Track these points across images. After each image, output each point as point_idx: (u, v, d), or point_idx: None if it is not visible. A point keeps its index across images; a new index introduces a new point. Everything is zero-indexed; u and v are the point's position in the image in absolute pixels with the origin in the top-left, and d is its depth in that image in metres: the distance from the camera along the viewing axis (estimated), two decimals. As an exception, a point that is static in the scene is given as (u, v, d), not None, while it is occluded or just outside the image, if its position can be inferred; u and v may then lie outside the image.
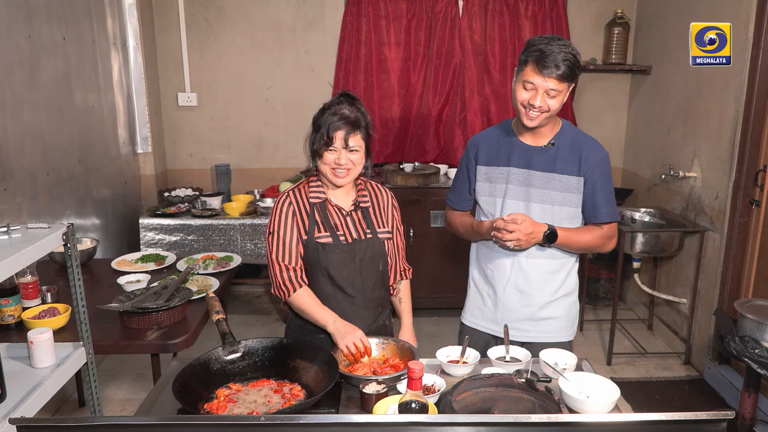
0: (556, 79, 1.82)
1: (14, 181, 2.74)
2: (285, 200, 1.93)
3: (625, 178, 4.64)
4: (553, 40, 1.83)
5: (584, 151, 1.96)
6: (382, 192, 2.05)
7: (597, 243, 2.01)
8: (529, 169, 1.98)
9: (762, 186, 3.13)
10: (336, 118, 1.84)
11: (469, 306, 2.20)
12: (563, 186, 1.96)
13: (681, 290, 3.80)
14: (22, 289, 2.32)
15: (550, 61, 1.80)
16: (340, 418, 1.27)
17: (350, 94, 1.94)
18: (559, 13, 4.29)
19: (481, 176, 2.07)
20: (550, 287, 2.04)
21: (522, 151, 1.99)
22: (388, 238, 2.00)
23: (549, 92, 1.84)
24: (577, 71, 1.85)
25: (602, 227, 2.01)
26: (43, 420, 1.19)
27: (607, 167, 1.99)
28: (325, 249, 1.89)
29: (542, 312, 2.05)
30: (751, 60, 3.09)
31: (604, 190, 1.98)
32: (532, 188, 1.98)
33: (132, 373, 3.50)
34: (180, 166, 4.58)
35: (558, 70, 1.81)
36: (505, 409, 1.56)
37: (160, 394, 1.71)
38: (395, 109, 4.44)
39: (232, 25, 4.35)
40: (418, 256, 4.12)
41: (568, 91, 1.89)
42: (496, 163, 2.04)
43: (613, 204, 2.01)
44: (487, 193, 2.06)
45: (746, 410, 2.56)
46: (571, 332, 2.12)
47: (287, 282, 1.90)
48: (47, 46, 3.05)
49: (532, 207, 1.98)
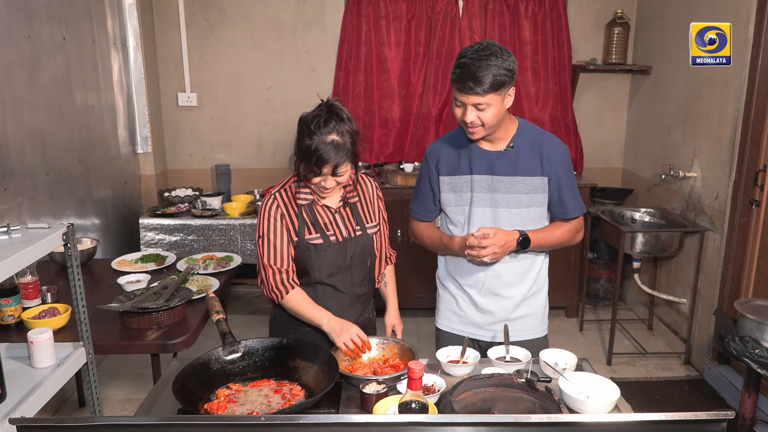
0: (478, 95, 1.79)
1: (14, 181, 2.74)
2: (272, 203, 1.91)
3: (625, 178, 4.64)
4: (470, 53, 1.79)
5: (545, 150, 1.95)
6: (367, 183, 2.05)
7: (567, 238, 2.03)
8: (492, 175, 1.96)
9: (762, 186, 3.13)
10: (325, 148, 1.74)
11: (443, 310, 2.19)
12: (528, 188, 1.96)
13: (681, 290, 3.80)
14: (22, 289, 2.32)
15: (466, 77, 1.78)
16: (340, 418, 1.27)
17: (336, 108, 1.80)
18: (559, 13, 4.29)
19: (445, 187, 2.04)
20: (524, 286, 2.05)
21: (482, 158, 1.97)
22: (377, 233, 2.02)
23: (477, 107, 1.82)
24: (503, 78, 1.78)
25: (569, 222, 2.02)
26: (43, 420, 1.19)
27: (568, 162, 1.99)
28: (317, 249, 1.90)
29: (517, 311, 2.07)
30: (751, 60, 3.09)
31: (568, 185, 1.98)
32: (498, 194, 1.97)
33: (132, 373, 3.50)
34: (180, 166, 4.58)
35: (478, 86, 1.77)
36: (505, 409, 1.56)
37: (160, 394, 1.71)
38: (395, 109, 4.44)
39: (232, 25, 4.35)
40: (417, 255, 4.11)
41: (503, 98, 1.84)
42: (458, 172, 2.01)
43: (578, 197, 2.02)
44: (453, 203, 2.04)
45: (746, 410, 2.56)
46: (544, 328, 2.14)
47: (279, 285, 1.90)
48: (47, 46, 3.05)
49: (500, 212, 1.97)
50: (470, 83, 1.78)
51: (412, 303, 4.25)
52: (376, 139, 4.45)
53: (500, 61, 1.78)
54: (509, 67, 1.80)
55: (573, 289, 4.24)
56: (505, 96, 1.85)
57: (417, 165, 4.34)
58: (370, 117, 4.43)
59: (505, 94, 1.85)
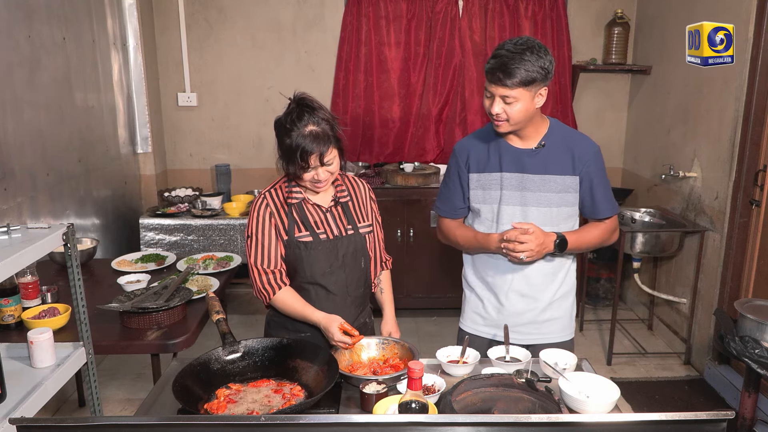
0: (507, 87, 1.79)
1: (14, 181, 2.74)
2: (262, 202, 1.91)
3: (625, 178, 4.64)
4: (508, 46, 1.80)
5: (576, 149, 1.93)
6: (359, 184, 2.04)
7: (602, 238, 2.01)
8: (523, 173, 1.94)
9: (762, 186, 3.13)
10: (306, 141, 1.76)
11: (468, 312, 2.16)
12: (559, 187, 1.94)
13: (681, 290, 3.80)
14: (22, 289, 2.32)
15: (497, 68, 1.78)
16: (340, 418, 1.27)
17: (305, 100, 1.82)
18: (559, 13, 4.29)
19: (474, 184, 2.02)
20: (552, 288, 2.03)
21: (513, 155, 1.95)
22: (369, 232, 2.00)
23: (505, 99, 1.82)
24: (535, 75, 1.78)
25: (604, 222, 2.00)
26: (43, 420, 1.19)
27: (600, 161, 1.97)
28: (307, 247, 1.88)
29: (545, 314, 2.04)
30: (751, 60, 3.09)
31: (601, 185, 1.96)
32: (528, 192, 1.94)
33: (132, 373, 3.50)
34: (180, 166, 4.58)
35: (507, 78, 1.77)
36: (505, 409, 1.56)
37: (160, 394, 1.71)
38: (395, 109, 4.44)
39: (232, 26, 4.35)
40: (418, 255, 4.12)
41: (534, 96, 1.82)
42: (488, 169, 1.98)
43: (611, 196, 2.00)
44: (482, 201, 2.01)
45: (746, 410, 2.56)
46: (572, 330, 2.11)
47: (266, 285, 1.89)
48: (47, 46, 3.05)
49: (529, 211, 1.95)
50: (500, 74, 1.78)
51: (411, 303, 4.26)
52: (376, 139, 4.45)
53: (535, 58, 1.77)
54: (544, 65, 1.79)
55: (573, 289, 4.23)
56: (536, 94, 1.83)
57: (417, 165, 4.34)
58: (370, 117, 4.42)
59: (537, 93, 1.83)
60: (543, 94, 1.85)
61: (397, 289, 4.32)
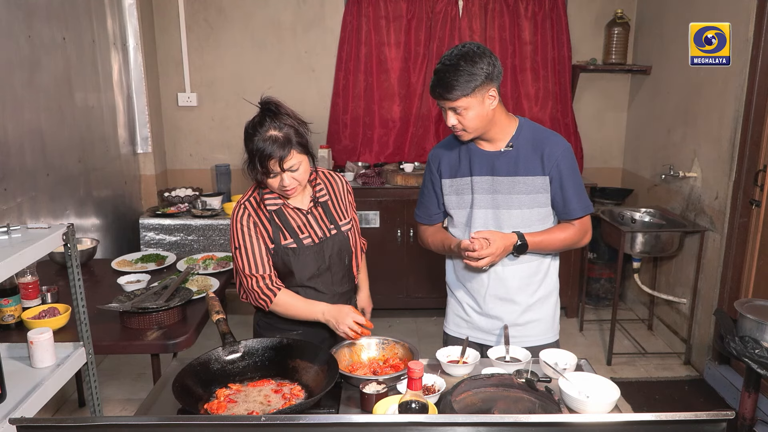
0: (450, 101, 1.79)
1: (14, 181, 2.74)
2: (243, 213, 1.88)
3: (625, 178, 4.64)
4: (444, 59, 1.79)
5: (545, 148, 1.90)
6: (336, 179, 2.03)
7: (572, 240, 1.97)
8: (493, 176, 1.93)
9: (762, 186, 3.13)
10: (265, 144, 1.73)
11: (450, 316, 2.18)
12: (529, 188, 1.91)
13: (681, 290, 3.80)
14: (22, 289, 2.32)
15: (436, 85, 1.79)
16: (340, 418, 1.27)
17: (269, 104, 1.80)
18: (559, 13, 4.29)
19: (447, 189, 2.02)
20: (530, 290, 2.02)
21: (482, 158, 1.94)
22: (350, 229, 2.00)
23: (455, 111, 1.82)
24: (474, 82, 1.76)
25: (574, 223, 1.96)
26: (43, 420, 1.19)
27: (571, 159, 1.92)
28: (295, 253, 1.88)
29: (524, 316, 2.03)
30: (751, 60, 3.09)
31: (571, 183, 1.92)
32: (499, 195, 1.93)
33: (132, 373, 3.50)
34: (180, 166, 4.58)
35: (446, 92, 1.77)
36: (505, 409, 1.56)
37: (160, 394, 1.71)
38: (395, 109, 4.44)
39: (232, 26, 4.35)
40: (418, 255, 4.12)
41: (483, 100, 1.80)
42: (459, 174, 1.98)
43: (584, 196, 1.95)
44: (455, 206, 2.02)
45: (746, 410, 2.56)
46: (555, 333, 2.10)
47: (266, 290, 1.89)
48: (47, 46, 3.05)
49: (501, 214, 1.94)
50: (439, 90, 1.79)
51: (412, 303, 4.26)
52: (376, 139, 4.46)
53: (470, 65, 1.76)
54: (482, 68, 1.77)
55: (573, 289, 4.24)
56: (485, 97, 1.81)
57: (417, 165, 4.34)
58: (370, 117, 4.43)
59: (485, 96, 1.81)
60: (493, 94, 1.83)
61: (397, 289, 4.34)
